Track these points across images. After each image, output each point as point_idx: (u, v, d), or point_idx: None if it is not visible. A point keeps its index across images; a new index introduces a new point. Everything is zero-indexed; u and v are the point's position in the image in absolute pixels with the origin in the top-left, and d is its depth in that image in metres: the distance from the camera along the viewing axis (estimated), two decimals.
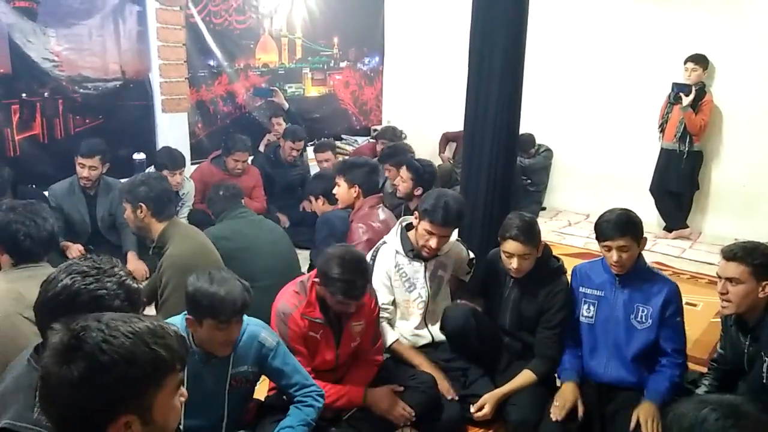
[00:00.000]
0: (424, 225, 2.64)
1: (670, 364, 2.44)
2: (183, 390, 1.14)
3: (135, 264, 3.75)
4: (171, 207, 2.83)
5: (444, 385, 2.54)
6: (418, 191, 3.71)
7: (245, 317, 2.09)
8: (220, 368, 2.05)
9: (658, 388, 2.39)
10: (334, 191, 3.46)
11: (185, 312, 2.01)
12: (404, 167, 3.84)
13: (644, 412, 2.31)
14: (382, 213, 3.27)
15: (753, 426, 1.06)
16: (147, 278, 3.50)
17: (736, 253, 2.23)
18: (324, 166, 4.90)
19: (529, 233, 2.52)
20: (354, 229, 3.12)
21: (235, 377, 2.08)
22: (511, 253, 2.53)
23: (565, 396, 2.43)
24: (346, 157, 4.94)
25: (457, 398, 2.54)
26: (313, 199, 3.82)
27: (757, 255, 2.19)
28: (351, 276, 2.20)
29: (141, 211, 2.70)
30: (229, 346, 2.03)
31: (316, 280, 2.29)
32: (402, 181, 3.82)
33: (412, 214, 3.16)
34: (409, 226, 2.80)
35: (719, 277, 2.28)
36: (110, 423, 1.03)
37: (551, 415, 2.37)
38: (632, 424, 2.29)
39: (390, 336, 2.65)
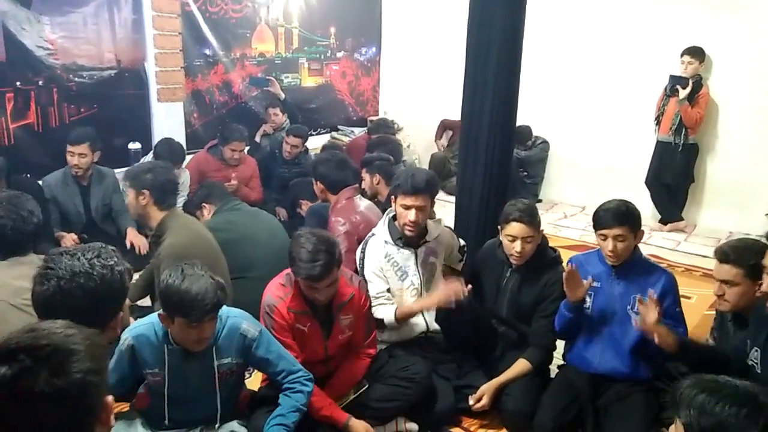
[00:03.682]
0: (399, 201, 2.67)
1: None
2: None
3: (136, 238, 3.79)
4: (173, 197, 2.81)
5: (454, 288, 2.50)
6: (377, 179, 3.78)
7: (225, 308, 2.05)
8: (204, 362, 2.03)
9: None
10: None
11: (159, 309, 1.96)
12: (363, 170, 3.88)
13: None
14: (361, 203, 3.25)
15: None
16: (147, 251, 3.48)
17: (728, 255, 2.24)
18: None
19: (532, 215, 2.54)
20: (332, 224, 3.07)
21: (219, 370, 2.06)
22: (515, 236, 2.53)
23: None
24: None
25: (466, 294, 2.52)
26: (297, 209, 4.21)
27: (750, 255, 2.19)
28: (312, 255, 2.18)
29: (143, 198, 2.67)
30: (203, 344, 1.98)
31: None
32: (363, 181, 3.83)
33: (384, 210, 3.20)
34: (395, 217, 2.80)
35: (715, 279, 2.29)
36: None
37: None
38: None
39: (389, 310, 2.62)
